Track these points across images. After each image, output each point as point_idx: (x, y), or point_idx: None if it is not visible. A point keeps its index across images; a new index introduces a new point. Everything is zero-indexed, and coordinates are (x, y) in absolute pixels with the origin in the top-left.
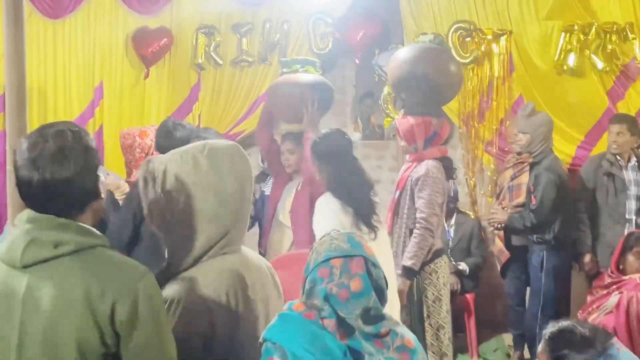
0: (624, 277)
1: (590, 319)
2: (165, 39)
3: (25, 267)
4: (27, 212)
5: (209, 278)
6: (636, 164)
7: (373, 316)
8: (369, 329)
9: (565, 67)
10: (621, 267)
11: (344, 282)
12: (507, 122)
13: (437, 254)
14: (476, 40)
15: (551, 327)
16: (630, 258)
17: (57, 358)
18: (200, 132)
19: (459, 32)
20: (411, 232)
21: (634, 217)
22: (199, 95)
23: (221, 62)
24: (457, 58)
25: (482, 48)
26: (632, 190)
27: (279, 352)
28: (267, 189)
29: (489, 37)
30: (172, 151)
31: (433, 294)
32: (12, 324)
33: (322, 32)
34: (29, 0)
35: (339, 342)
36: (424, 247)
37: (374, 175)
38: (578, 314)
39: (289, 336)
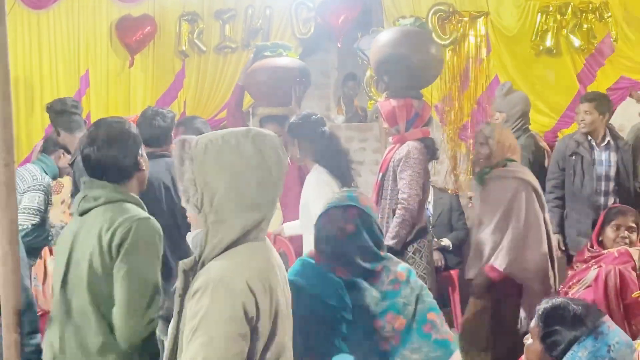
0: (603, 251)
1: (570, 293)
2: (148, 27)
3: (80, 214)
4: (84, 177)
5: (245, 263)
6: (610, 141)
7: (369, 254)
8: (366, 265)
9: (541, 48)
10: (601, 239)
11: (340, 226)
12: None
13: (420, 233)
14: (454, 22)
15: (544, 304)
16: (609, 231)
17: (79, 276)
18: (183, 120)
19: (438, 14)
20: (394, 212)
21: (601, 198)
22: (184, 82)
23: (205, 49)
24: (437, 40)
25: (461, 30)
26: (599, 171)
27: (293, 286)
28: None
29: (467, 19)
30: (209, 133)
31: (417, 273)
32: (65, 254)
33: (304, 17)
34: None
35: (336, 279)
36: (406, 227)
37: (357, 157)
38: (559, 288)
39: (297, 273)
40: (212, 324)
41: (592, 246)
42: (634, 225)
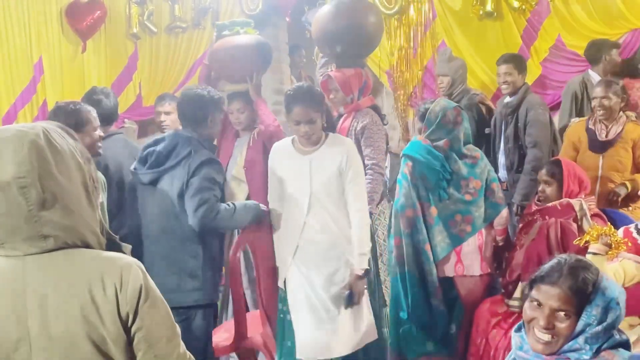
0: (548, 204)
1: (519, 245)
2: (98, 12)
3: None
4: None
5: None
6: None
7: (467, 137)
8: (458, 145)
9: (482, 12)
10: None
11: (452, 119)
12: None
13: (382, 196)
14: None
15: (576, 276)
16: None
17: None
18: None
19: None
20: None
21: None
22: (137, 64)
23: (156, 30)
24: (383, 10)
25: None
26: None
27: (409, 159)
28: None
29: None
30: None
31: (383, 233)
32: None
33: None
34: None
35: (440, 155)
36: (378, 191)
37: None
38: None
39: (412, 149)
40: None
41: (538, 200)
42: (547, 178)
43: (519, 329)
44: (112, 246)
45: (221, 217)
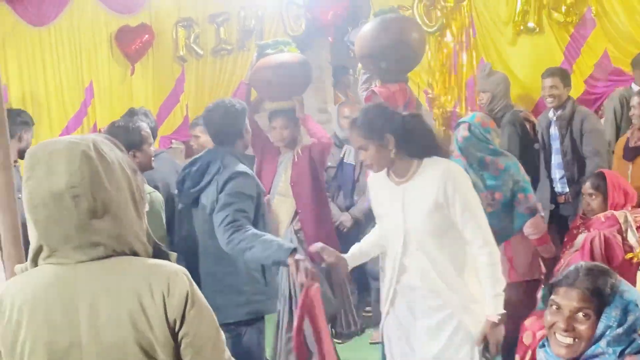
0: (592, 217)
1: (563, 257)
2: (146, 36)
3: None
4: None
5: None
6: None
7: (481, 149)
8: (477, 154)
9: (522, 27)
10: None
11: (460, 134)
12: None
13: None
14: (439, 8)
15: (590, 281)
16: (584, 201)
17: None
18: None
19: (423, 2)
20: None
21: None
22: (184, 86)
23: (202, 53)
24: (424, 27)
25: (446, 15)
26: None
27: None
28: (347, 156)
29: (451, 4)
30: None
31: None
32: None
33: (295, 15)
34: (14, 10)
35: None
36: None
37: None
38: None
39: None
40: None
41: (583, 213)
42: (592, 191)
43: (542, 345)
44: (158, 254)
45: (241, 238)
